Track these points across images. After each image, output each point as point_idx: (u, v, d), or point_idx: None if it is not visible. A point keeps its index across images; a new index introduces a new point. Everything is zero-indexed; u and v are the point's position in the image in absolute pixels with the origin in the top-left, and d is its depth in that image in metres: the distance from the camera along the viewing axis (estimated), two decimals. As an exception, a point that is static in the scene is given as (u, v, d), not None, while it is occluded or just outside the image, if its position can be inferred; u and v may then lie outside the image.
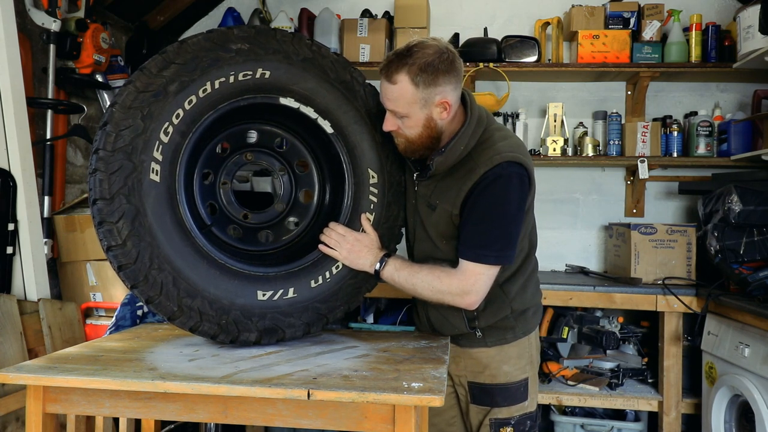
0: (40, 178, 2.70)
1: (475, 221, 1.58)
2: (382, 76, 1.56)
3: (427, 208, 1.69)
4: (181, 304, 1.44)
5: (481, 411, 1.76)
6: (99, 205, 1.38)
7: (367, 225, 1.69)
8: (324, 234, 1.66)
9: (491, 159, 1.56)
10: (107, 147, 1.38)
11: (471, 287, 1.59)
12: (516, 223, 1.61)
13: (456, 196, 1.61)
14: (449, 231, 1.66)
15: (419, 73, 1.51)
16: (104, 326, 2.54)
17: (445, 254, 1.69)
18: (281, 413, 1.30)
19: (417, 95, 1.53)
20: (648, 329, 3.08)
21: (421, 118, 1.56)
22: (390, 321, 2.96)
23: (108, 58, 2.95)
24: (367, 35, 3.30)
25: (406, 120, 1.57)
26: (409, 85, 1.52)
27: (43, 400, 1.35)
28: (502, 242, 1.59)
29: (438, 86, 1.53)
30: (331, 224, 1.67)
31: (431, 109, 1.56)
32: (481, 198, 1.57)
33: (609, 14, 3.20)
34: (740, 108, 3.31)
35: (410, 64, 1.51)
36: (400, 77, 1.52)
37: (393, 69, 1.53)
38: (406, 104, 1.54)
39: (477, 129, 1.61)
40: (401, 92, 1.53)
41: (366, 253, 1.65)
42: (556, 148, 3.21)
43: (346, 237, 1.65)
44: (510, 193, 1.57)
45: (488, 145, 1.60)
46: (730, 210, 2.51)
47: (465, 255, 1.60)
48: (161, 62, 1.44)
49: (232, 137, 1.67)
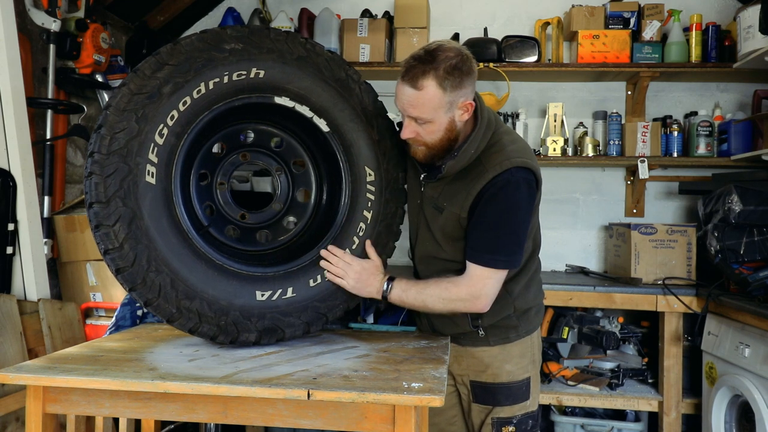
0: (40, 178, 2.70)
1: (485, 227, 1.58)
2: (404, 82, 1.50)
3: (433, 210, 1.68)
4: (179, 306, 1.44)
5: (483, 410, 1.76)
6: (95, 209, 1.38)
7: (371, 251, 1.68)
8: (327, 261, 1.64)
9: (501, 164, 1.55)
10: (102, 150, 1.38)
11: (480, 291, 1.59)
12: (524, 227, 1.62)
13: (465, 199, 1.60)
14: (456, 233, 1.66)
15: (446, 76, 1.47)
16: (104, 326, 2.54)
17: (449, 255, 1.69)
18: (281, 413, 1.30)
19: (444, 99, 1.49)
20: (648, 329, 3.08)
21: (444, 122, 1.53)
22: (390, 321, 2.94)
23: (108, 58, 2.95)
24: (367, 35, 3.30)
25: (429, 126, 1.53)
26: (437, 90, 1.47)
27: (43, 400, 1.35)
28: (511, 247, 1.60)
29: (463, 88, 1.51)
30: (330, 248, 1.64)
31: (454, 112, 1.53)
32: (490, 203, 1.57)
33: (609, 14, 3.20)
34: (740, 108, 3.31)
35: (436, 68, 1.46)
36: (426, 82, 1.47)
37: (418, 74, 1.47)
38: (432, 109, 1.50)
39: (487, 132, 1.60)
40: (429, 98, 1.48)
41: (373, 280, 1.65)
42: (556, 148, 3.21)
43: (352, 266, 1.63)
44: (519, 199, 1.58)
45: (497, 149, 1.59)
46: (731, 210, 2.50)
47: (474, 260, 1.60)
48: (155, 64, 1.44)
49: (227, 138, 1.67)
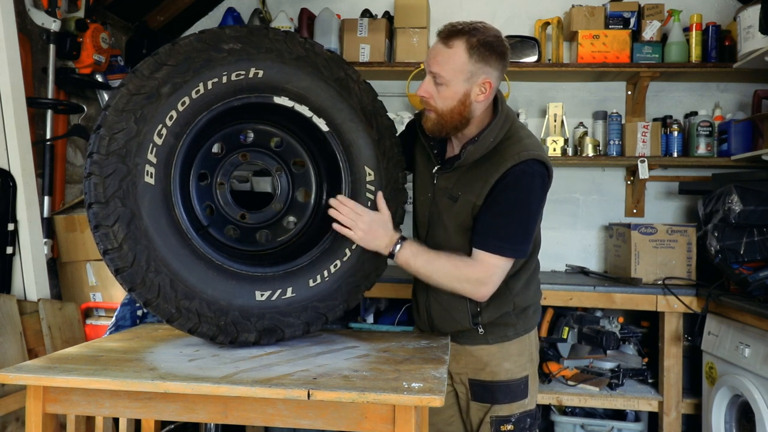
0: (40, 178, 2.70)
1: (496, 214, 1.60)
2: (439, 38, 1.58)
3: (447, 200, 1.69)
4: (179, 306, 1.44)
5: (481, 408, 1.76)
6: (94, 209, 1.37)
7: (382, 203, 1.67)
8: (335, 210, 1.61)
9: (519, 154, 1.59)
10: (101, 150, 1.38)
11: (488, 278, 1.60)
12: (534, 219, 1.65)
13: (482, 187, 1.62)
14: (468, 223, 1.66)
15: (478, 46, 1.54)
16: (104, 326, 2.54)
17: (458, 246, 1.68)
18: (281, 413, 1.30)
19: (467, 66, 1.55)
20: (648, 329, 3.08)
21: (460, 91, 1.57)
22: (390, 321, 2.96)
23: (108, 58, 2.95)
24: (367, 35, 3.30)
25: (444, 89, 1.57)
26: (464, 53, 1.54)
27: (43, 400, 1.35)
28: (521, 236, 1.62)
29: (488, 66, 1.56)
30: (340, 198, 1.63)
31: (472, 86, 1.57)
32: (505, 192, 1.59)
33: (609, 14, 3.20)
34: (740, 108, 3.30)
35: (470, 36, 1.55)
36: (457, 42, 1.55)
37: (453, 35, 1.55)
38: (452, 70, 1.55)
39: (505, 124, 1.65)
40: (453, 56, 1.54)
41: (382, 233, 1.63)
42: (556, 148, 3.21)
43: (362, 216, 1.61)
44: (533, 190, 1.61)
45: (515, 141, 1.63)
46: (731, 210, 2.50)
47: (482, 245, 1.60)
48: (153, 64, 1.44)
49: (227, 138, 1.66)
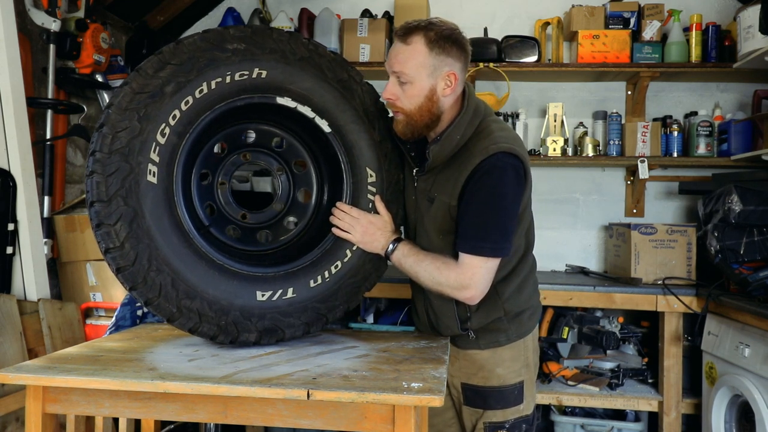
0: (40, 178, 2.70)
1: (471, 214, 1.57)
2: (397, 37, 1.57)
3: (426, 202, 1.68)
4: (180, 306, 1.44)
5: (473, 413, 1.74)
6: (96, 208, 1.37)
7: (380, 206, 1.69)
8: (335, 216, 1.66)
9: (487, 149, 1.55)
10: (104, 149, 1.37)
11: (469, 281, 1.57)
12: (511, 215, 1.59)
13: (453, 186, 1.60)
14: (446, 225, 1.64)
15: (436, 39, 1.54)
16: (104, 326, 2.54)
17: (440, 249, 1.67)
18: (281, 413, 1.30)
19: (428, 59, 1.54)
20: (648, 329, 3.08)
21: (425, 87, 1.56)
22: (390, 321, 2.96)
23: (108, 58, 2.95)
24: (367, 35, 3.30)
25: (409, 87, 1.56)
26: (424, 47, 1.53)
27: (43, 400, 1.34)
28: (498, 234, 1.57)
29: (449, 57, 1.55)
30: (339, 205, 1.66)
31: (437, 81, 1.56)
32: (476, 190, 1.56)
33: (609, 14, 3.20)
34: (740, 108, 3.31)
35: (427, 30, 1.54)
36: (415, 39, 1.54)
37: (410, 31, 1.55)
38: (414, 66, 1.54)
39: (474, 119, 1.61)
40: (413, 53, 1.54)
41: (380, 235, 1.66)
42: (556, 148, 3.21)
43: (359, 220, 1.65)
44: (505, 184, 1.55)
45: (484, 135, 1.59)
46: (731, 210, 2.50)
47: (462, 248, 1.59)
48: (157, 63, 1.44)
49: (229, 137, 1.66)
